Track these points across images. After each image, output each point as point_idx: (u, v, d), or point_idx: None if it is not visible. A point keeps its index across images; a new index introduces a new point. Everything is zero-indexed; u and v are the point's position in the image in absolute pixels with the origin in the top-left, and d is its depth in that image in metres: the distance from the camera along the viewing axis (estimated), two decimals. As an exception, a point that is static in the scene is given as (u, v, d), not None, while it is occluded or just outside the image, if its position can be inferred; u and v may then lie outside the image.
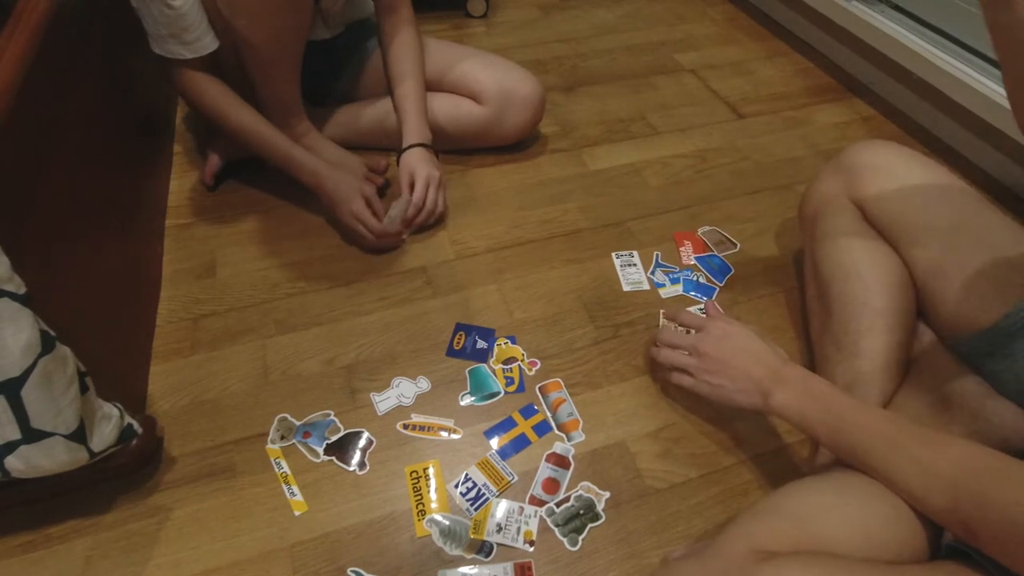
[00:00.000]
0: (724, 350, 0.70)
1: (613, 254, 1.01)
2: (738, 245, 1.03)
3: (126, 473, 0.72)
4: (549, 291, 0.95)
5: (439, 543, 0.69)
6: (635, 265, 0.99)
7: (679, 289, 0.95)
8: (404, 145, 1.02)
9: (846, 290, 0.75)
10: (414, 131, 1.02)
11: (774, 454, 0.77)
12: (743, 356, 0.68)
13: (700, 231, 1.05)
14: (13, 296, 0.53)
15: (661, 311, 0.92)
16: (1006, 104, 1.11)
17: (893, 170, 0.78)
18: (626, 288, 0.95)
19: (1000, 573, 0.47)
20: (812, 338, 0.83)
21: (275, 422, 0.78)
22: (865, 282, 0.74)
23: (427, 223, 1.02)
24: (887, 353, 0.71)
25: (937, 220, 0.72)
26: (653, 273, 0.98)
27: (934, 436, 0.56)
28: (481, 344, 0.87)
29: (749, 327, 0.72)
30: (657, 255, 1.00)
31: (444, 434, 0.78)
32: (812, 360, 0.83)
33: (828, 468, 0.64)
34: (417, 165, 0.99)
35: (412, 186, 0.99)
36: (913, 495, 0.53)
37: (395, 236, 0.98)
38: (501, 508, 0.71)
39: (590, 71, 1.45)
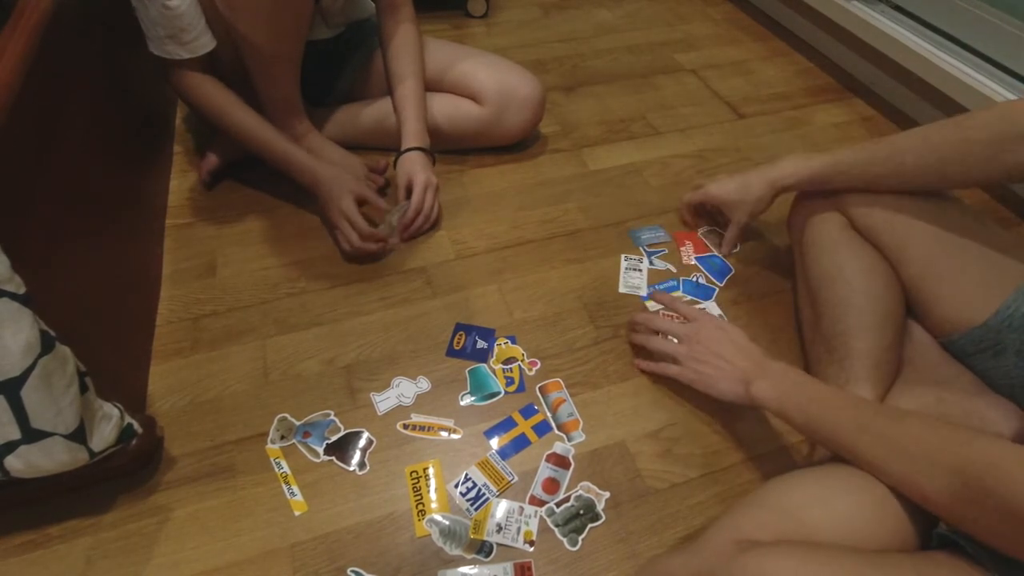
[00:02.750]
0: (715, 341, 0.74)
1: (622, 256, 1.00)
2: (738, 246, 1.03)
3: (126, 473, 0.72)
4: (549, 291, 0.95)
5: (439, 543, 0.69)
6: (640, 271, 0.98)
7: (679, 289, 0.96)
8: (403, 148, 1.02)
9: (832, 294, 0.76)
10: (413, 134, 1.02)
11: (774, 454, 0.77)
12: (732, 348, 0.73)
13: (701, 232, 1.05)
14: (13, 296, 0.53)
15: (651, 290, 0.95)
16: (1006, 104, 1.11)
17: None
18: (622, 290, 0.95)
19: (992, 562, 0.47)
20: (804, 343, 0.84)
21: (275, 422, 0.78)
22: (851, 284, 0.75)
23: (423, 229, 1.02)
24: (877, 352, 0.71)
25: (923, 224, 0.73)
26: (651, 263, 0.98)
27: (901, 413, 0.57)
28: (481, 344, 0.87)
29: (737, 328, 0.75)
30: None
31: (444, 434, 0.78)
32: (806, 363, 0.83)
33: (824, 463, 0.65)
34: (415, 169, 0.99)
35: (408, 189, 0.99)
36: (882, 473, 0.55)
37: (381, 244, 0.97)
38: (501, 508, 0.71)
39: (590, 71, 1.45)
